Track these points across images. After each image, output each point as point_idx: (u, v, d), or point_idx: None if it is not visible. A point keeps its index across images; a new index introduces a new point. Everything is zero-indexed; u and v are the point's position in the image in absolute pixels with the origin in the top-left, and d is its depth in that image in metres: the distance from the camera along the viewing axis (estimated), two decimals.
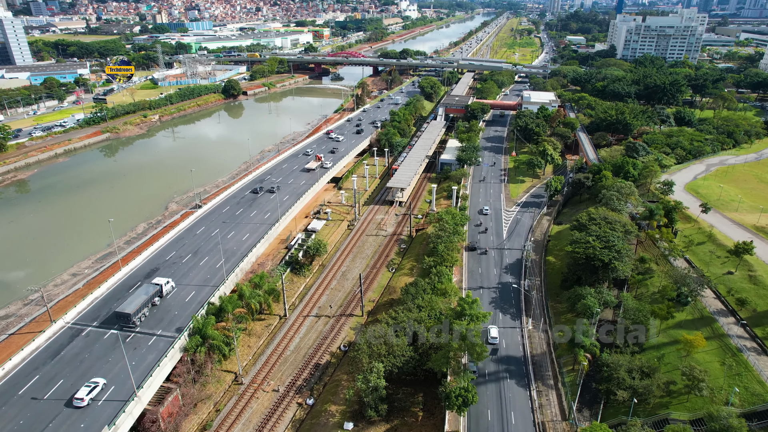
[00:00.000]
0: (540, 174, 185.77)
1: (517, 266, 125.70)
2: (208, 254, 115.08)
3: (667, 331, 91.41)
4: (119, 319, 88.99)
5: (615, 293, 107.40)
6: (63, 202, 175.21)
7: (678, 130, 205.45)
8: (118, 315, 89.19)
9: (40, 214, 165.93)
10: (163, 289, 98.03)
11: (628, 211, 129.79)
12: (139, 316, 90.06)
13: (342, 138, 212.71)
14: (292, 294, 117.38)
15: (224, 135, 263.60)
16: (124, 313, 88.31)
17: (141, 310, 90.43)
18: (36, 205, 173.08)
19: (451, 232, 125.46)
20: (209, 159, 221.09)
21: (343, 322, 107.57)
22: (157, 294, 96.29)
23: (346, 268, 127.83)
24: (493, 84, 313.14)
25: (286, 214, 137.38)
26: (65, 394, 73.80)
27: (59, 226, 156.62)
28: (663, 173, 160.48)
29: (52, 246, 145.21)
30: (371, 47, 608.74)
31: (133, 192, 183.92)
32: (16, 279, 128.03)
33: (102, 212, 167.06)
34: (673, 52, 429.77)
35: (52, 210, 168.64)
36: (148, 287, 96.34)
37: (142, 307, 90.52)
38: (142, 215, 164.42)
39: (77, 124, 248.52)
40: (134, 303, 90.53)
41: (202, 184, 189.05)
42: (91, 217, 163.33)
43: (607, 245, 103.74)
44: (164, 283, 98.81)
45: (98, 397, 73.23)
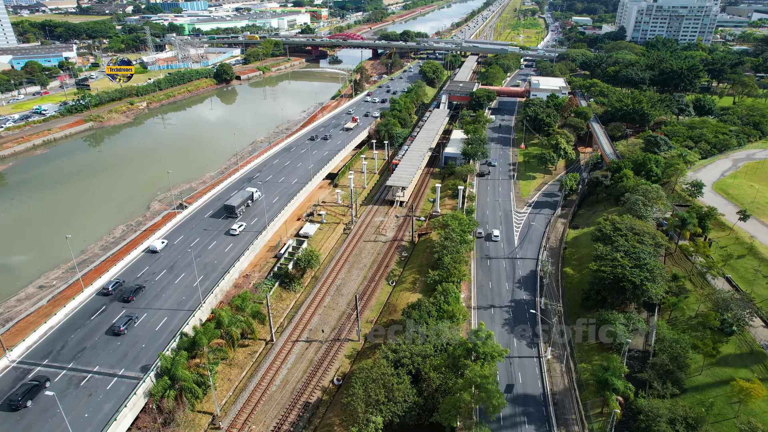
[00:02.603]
0: (552, 169, 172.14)
1: (531, 279, 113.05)
2: (186, 269, 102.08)
3: (711, 368, 79.01)
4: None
5: (644, 316, 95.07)
6: (38, 199, 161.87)
7: (701, 121, 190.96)
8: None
9: (11, 213, 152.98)
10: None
11: (655, 218, 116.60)
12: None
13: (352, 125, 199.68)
14: (280, 312, 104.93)
15: (215, 124, 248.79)
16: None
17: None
18: (8, 203, 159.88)
19: (457, 241, 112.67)
20: (197, 150, 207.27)
21: (337, 348, 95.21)
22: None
23: (342, 281, 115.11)
24: (499, 69, 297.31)
25: (275, 219, 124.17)
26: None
27: (31, 229, 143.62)
28: (687, 170, 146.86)
29: (22, 252, 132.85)
30: (371, 28, 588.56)
31: (114, 188, 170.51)
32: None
33: (79, 212, 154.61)
34: (685, 34, 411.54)
35: (25, 209, 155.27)
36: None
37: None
38: (121, 215, 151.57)
39: (58, 112, 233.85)
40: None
41: (189, 179, 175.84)
42: (67, 218, 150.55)
43: (638, 263, 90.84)
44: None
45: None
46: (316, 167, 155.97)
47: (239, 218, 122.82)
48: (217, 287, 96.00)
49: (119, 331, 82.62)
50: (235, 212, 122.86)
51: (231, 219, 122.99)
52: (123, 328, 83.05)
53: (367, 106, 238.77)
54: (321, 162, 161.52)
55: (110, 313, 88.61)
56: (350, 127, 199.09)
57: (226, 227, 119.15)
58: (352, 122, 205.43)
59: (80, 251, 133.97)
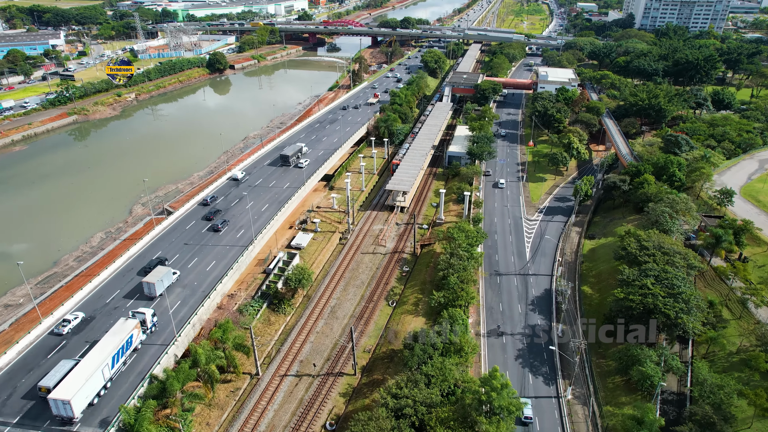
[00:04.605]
0: (563, 170, 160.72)
1: (545, 300, 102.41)
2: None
3: (763, 419, 68.43)
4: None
5: (676, 349, 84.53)
6: (12, 202, 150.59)
7: (722, 117, 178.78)
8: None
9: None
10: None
11: (683, 231, 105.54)
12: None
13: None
14: (268, 339, 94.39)
15: (206, 117, 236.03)
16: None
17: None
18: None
19: (465, 258, 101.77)
20: (186, 147, 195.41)
21: (330, 384, 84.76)
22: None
23: (337, 301, 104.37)
24: (504, 59, 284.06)
25: (265, 230, 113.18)
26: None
27: (3, 236, 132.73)
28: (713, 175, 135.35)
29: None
30: (370, 14, 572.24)
31: (96, 189, 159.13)
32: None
33: (56, 216, 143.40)
34: (697, 21, 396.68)
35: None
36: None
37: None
38: (101, 221, 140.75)
39: (40, 105, 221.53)
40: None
41: (175, 179, 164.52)
42: (42, 223, 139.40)
43: (672, 292, 80.00)
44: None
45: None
46: (310, 169, 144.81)
47: (221, 232, 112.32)
48: (194, 316, 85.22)
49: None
50: (289, 161, 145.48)
51: (225, 223, 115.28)
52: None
53: (367, 96, 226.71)
54: (316, 163, 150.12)
55: (70, 350, 78.01)
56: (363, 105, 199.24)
57: (209, 241, 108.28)
58: (373, 97, 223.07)
59: (53, 263, 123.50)
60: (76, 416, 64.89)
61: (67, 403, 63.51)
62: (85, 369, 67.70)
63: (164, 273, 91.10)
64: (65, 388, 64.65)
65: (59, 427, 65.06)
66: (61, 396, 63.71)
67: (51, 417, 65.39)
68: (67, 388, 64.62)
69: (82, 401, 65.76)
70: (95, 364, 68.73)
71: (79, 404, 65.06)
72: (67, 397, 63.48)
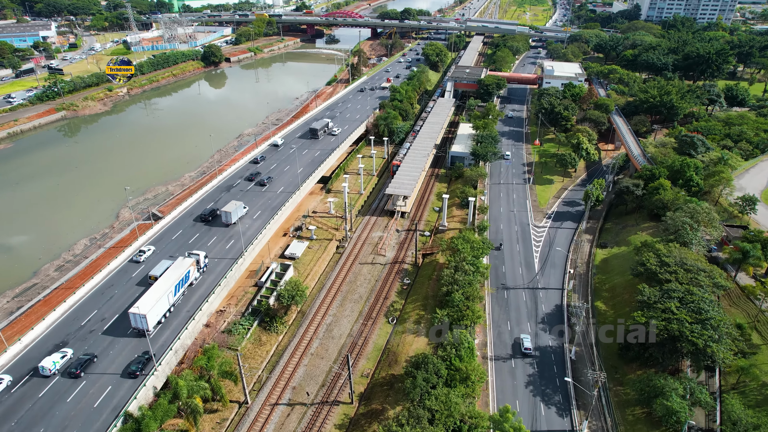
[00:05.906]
0: (572, 172, 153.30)
1: (557, 317, 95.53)
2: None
3: None
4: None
5: (702, 378, 77.75)
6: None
7: (738, 115, 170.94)
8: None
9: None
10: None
11: (704, 244, 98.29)
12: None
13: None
14: (259, 360, 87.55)
15: (200, 112, 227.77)
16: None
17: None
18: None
19: (470, 272, 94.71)
20: (178, 144, 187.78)
21: (325, 414, 77.96)
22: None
23: (333, 318, 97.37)
24: (508, 52, 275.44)
25: (256, 240, 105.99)
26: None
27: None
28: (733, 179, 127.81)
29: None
30: (369, 5, 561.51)
31: (81, 190, 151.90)
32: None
33: (39, 220, 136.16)
34: (704, 13, 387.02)
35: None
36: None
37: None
38: (86, 226, 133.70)
39: (27, 100, 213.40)
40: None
41: (166, 180, 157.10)
42: (24, 228, 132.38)
43: (699, 318, 72.96)
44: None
45: None
46: (306, 171, 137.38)
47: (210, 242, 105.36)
48: (177, 340, 78.22)
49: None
50: (317, 134, 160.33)
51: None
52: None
53: (363, 95, 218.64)
54: (312, 164, 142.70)
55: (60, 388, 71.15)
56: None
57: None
58: (386, 82, 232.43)
59: (33, 273, 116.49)
60: (150, 330, 77.35)
61: (144, 317, 75.60)
62: (156, 293, 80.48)
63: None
64: (143, 304, 77.08)
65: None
66: (139, 310, 75.85)
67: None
68: (144, 305, 77.11)
69: (154, 317, 78.42)
70: (163, 289, 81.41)
71: (152, 319, 77.75)
72: (144, 311, 75.58)
